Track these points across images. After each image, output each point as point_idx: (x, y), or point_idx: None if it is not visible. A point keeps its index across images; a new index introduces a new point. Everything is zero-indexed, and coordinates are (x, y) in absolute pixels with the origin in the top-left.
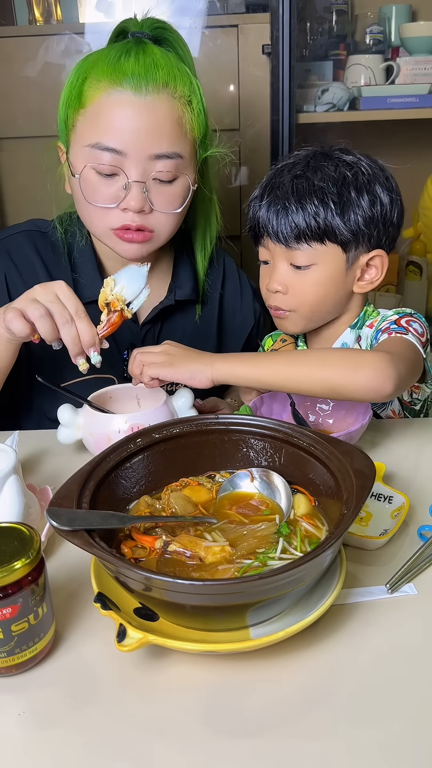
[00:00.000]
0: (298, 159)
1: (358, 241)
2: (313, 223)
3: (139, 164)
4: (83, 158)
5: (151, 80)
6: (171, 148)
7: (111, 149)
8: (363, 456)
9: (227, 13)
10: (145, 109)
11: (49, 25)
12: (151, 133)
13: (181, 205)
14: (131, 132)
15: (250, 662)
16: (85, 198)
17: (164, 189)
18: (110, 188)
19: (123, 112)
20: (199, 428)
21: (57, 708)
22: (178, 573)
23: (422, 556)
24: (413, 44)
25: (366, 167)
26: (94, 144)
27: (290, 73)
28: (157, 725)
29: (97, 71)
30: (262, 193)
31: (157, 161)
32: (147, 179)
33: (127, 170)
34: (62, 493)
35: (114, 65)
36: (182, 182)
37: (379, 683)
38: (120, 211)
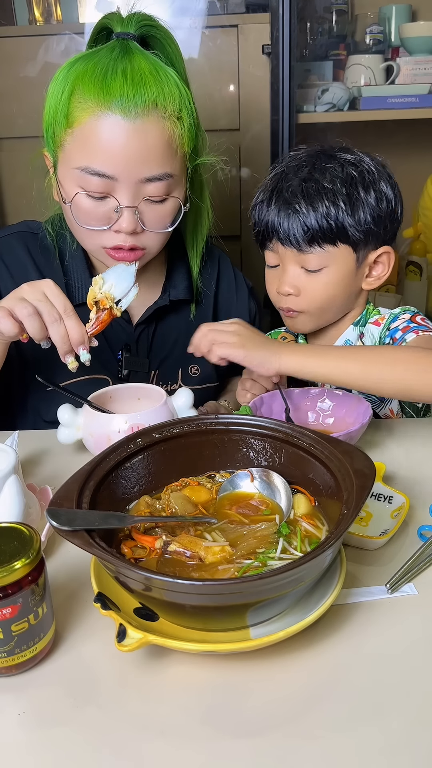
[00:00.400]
0: (301, 161)
1: (368, 239)
2: (326, 224)
3: (130, 189)
4: (73, 181)
5: (140, 102)
6: (162, 170)
7: (101, 174)
8: (363, 456)
9: (227, 13)
10: (135, 133)
11: (49, 25)
12: (142, 157)
13: (173, 223)
14: (121, 157)
15: (250, 662)
16: (77, 221)
17: (156, 208)
18: (101, 209)
19: (112, 136)
20: (199, 428)
21: (57, 708)
22: (178, 573)
23: (422, 556)
24: (413, 44)
25: (368, 164)
26: (83, 167)
27: (290, 73)
28: (157, 725)
29: (84, 88)
30: (269, 197)
31: (148, 184)
32: (138, 203)
33: (118, 194)
34: (62, 493)
35: (101, 84)
36: (173, 201)
37: (379, 683)
38: (112, 232)
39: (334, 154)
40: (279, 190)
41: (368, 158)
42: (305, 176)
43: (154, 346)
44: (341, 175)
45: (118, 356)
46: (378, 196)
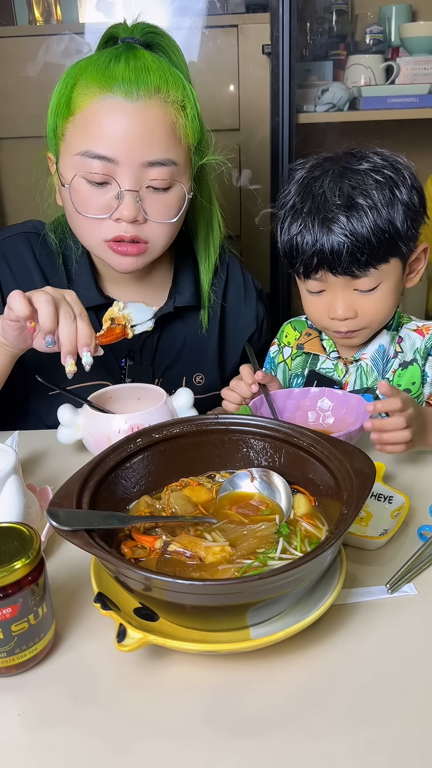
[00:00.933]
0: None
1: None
2: (375, 240)
3: (132, 172)
4: (73, 167)
5: (143, 84)
6: (165, 155)
7: (102, 157)
8: (363, 456)
9: (227, 13)
10: (136, 115)
11: (49, 25)
12: (144, 139)
13: (177, 215)
14: (123, 138)
15: (250, 662)
16: (76, 209)
17: (158, 198)
18: (102, 198)
19: (114, 118)
20: (199, 428)
21: (57, 708)
22: (178, 573)
23: (422, 556)
24: (413, 44)
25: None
26: (84, 152)
27: (290, 73)
28: (157, 725)
29: (87, 77)
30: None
31: (150, 168)
32: (140, 188)
33: (119, 179)
34: (62, 493)
35: (104, 70)
36: (177, 190)
37: (379, 683)
38: (113, 222)
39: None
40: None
41: (378, 157)
42: (344, 203)
43: (159, 354)
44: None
45: (121, 363)
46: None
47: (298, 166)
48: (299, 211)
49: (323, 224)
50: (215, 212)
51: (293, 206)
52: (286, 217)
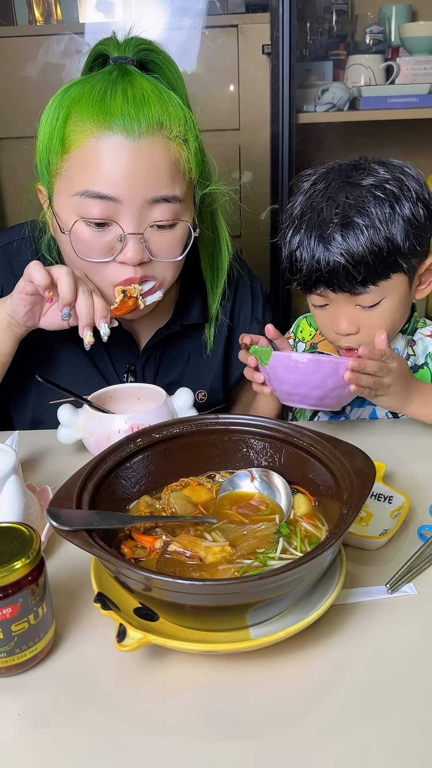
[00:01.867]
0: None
1: (416, 259)
2: (374, 259)
3: (135, 212)
4: (72, 209)
5: (144, 120)
6: (169, 192)
7: (104, 196)
8: (363, 456)
9: (227, 13)
10: (139, 154)
11: (49, 25)
12: (148, 178)
13: (182, 252)
14: (125, 178)
15: (250, 662)
16: (78, 254)
17: (163, 236)
18: (103, 239)
19: (115, 157)
20: (199, 428)
21: (57, 708)
22: (178, 573)
23: (422, 556)
24: (413, 44)
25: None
26: (83, 192)
27: (290, 73)
28: (157, 725)
29: (81, 111)
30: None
31: (154, 207)
32: (144, 229)
33: (123, 220)
34: (62, 493)
35: (100, 104)
36: (182, 227)
37: (379, 683)
38: (117, 264)
39: (357, 182)
40: (318, 239)
41: (383, 169)
42: (339, 221)
43: (161, 371)
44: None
45: (122, 378)
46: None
47: (305, 177)
48: (299, 224)
49: (320, 241)
50: (223, 238)
51: (295, 219)
52: (288, 229)
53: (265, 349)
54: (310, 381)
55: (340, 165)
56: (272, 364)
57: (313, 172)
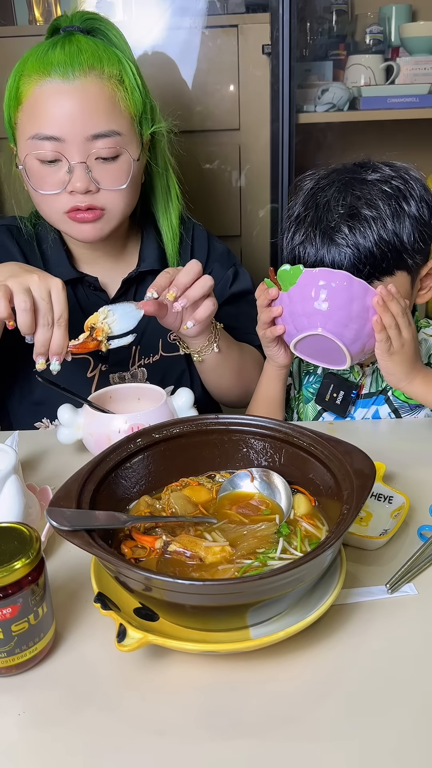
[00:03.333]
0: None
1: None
2: (379, 253)
3: (79, 147)
4: (26, 150)
5: (77, 65)
6: (107, 127)
7: (49, 137)
8: (363, 456)
9: (227, 13)
10: (75, 93)
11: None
12: (85, 114)
13: (126, 181)
14: (65, 117)
15: (250, 662)
16: (33, 187)
17: (107, 167)
18: (55, 175)
19: (55, 99)
20: (199, 428)
21: (57, 708)
22: (178, 573)
23: (422, 556)
24: (413, 44)
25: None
26: (33, 135)
27: (290, 73)
28: (157, 725)
29: (28, 67)
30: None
31: (95, 141)
32: (88, 159)
33: (68, 154)
34: (62, 493)
35: (42, 58)
36: (125, 158)
37: (379, 683)
38: (68, 195)
39: (364, 178)
40: (322, 232)
41: (389, 169)
42: (347, 213)
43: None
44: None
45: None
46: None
47: (308, 177)
48: (303, 220)
49: (325, 234)
50: (172, 182)
51: (297, 216)
52: (290, 227)
53: (295, 266)
54: (337, 298)
55: (345, 165)
56: (302, 281)
57: (315, 172)
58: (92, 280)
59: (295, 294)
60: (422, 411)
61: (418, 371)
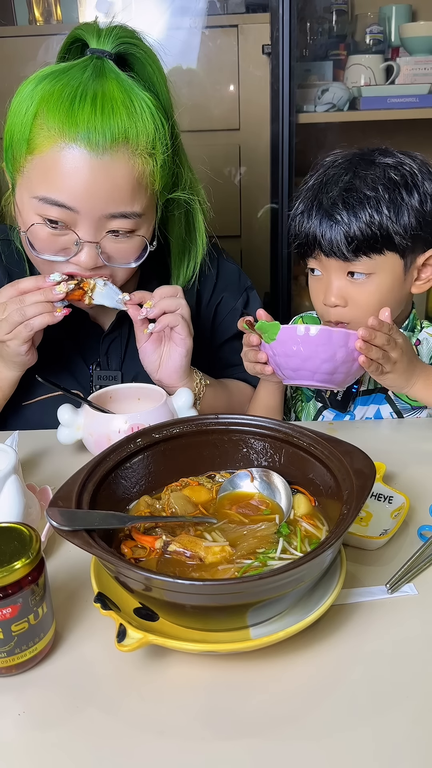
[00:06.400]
0: (340, 168)
1: (415, 244)
2: (369, 233)
3: (92, 223)
4: (32, 209)
5: (109, 134)
6: (129, 208)
7: (62, 205)
8: (363, 456)
9: (227, 13)
10: (100, 170)
11: (49, 25)
12: (107, 195)
13: (138, 260)
14: (84, 191)
15: (250, 662)
16: (33, 248)
17: (119, 245)
18: (60, 240)
19: (76, 169)
20: (199, 428)
21: (57, 708)
22: (178, 573)
23: (422, 556)
24: (413, 44)
25: (410, 166)
26: (42, 197)
27: (290, 73)
28: (157, 725)
29: (49, 113)
30: (308, 208)
31: (112, 220)
32: (100, 238)
33: (79, 228)
34: (62, 493)
35: (68, 111)
36: (139, 237)
37: (379, 683)
38: (71, 264)
39: (373, 159)
40: (319, 201)
41: (409, 159)
42: (345, 185)
43: (127, 358)
44: (383, 180)
45: (89, 369)
46: (422, 198)
47: (332, 153)
48: (308, 191)
49: (321, 207)
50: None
51: (306, 189)
52: (299, 196)
53: (273, 323)
54: (320, 354)
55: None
56: (281, 338)
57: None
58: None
59: (277, 348)
60: (424, 411)
61: (418, 375)
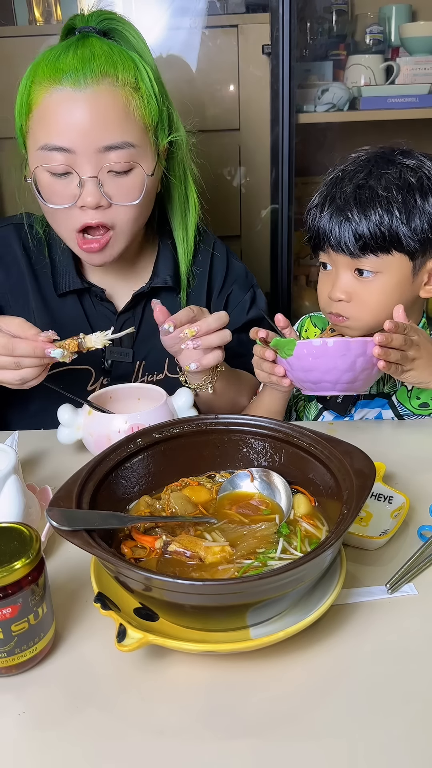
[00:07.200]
0: (358, 165)
1: (426, 247)
2: (378, 232)
3: (90, 159)
4: (35, 161)
5: (89, 72)
6: (120, 138)
7: (59, 148)
8: (363, 456)
9: (227, 13)
10: (86, 103)
11: (49, 25)
12: (97, 125)
13: (140, 196)
14: (76, 128)
15: (250, 662)
16: (43, 200)
17: (120, 181)
18: (66, 188)
19: (65, 108)
20: (199, 428)
21: (57, 708)
22: (178, 573)
23: (422, 556)
24: (413, 44)
25: (429, 169)
26: (43, 146)
27: (290, 73)
28: (157, 725)
29: (39, 72)
30: (322, 203)
31: (108, 153)
32: (100, 173)
33: (79, 167)
34: (62, 493)
35: (53, 64)
36: (138, 172)
37: (379, 683)
38: (79, 210)
39: (393, 159)
40: (332, 196)
41: (430, 162)
42: (360, 182)
43: (139, 336)
44: (398, 181)
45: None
46: None
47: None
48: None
49: (333, 202)
50: (191, 192)
51: (324, 183)
52: (320, 188)
53: (289, 339)
54: (340, 365)
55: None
56: (298, 354)
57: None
58: (99, 291)
59: (295, 363)
60: (426, 419)
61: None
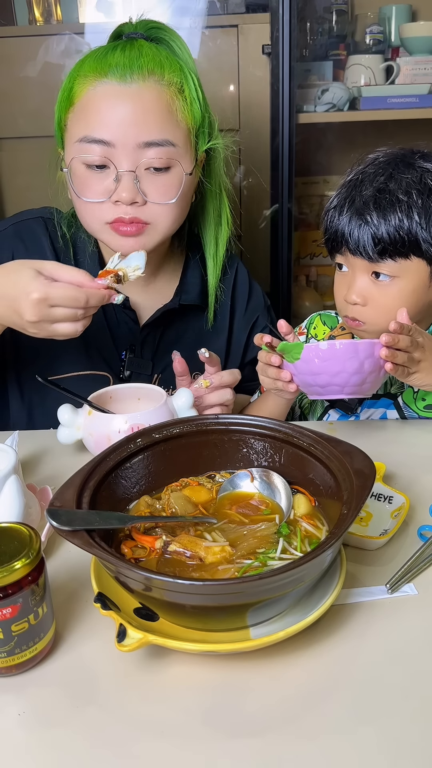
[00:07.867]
0: (378, 167)
1: None
2: (397, 237)
3: (128, 153)
4: (72, 153)
5: (136, 68)
6: (161, 135)
7: (98, 140)
8: (363, 456)
9: (227, 13)
10: (130, 98)
11: (49, 25)
12: (139, 120)
13: (176, 195)
14: (118, 121)
15: (250, 662)
16: (76, 193)
17: (157, 178)
18: (101, 182)
19: (108, 102)
20: (199, 428)
21: (57, 708)
22: (178, 573)
23: (422, 556)
24: (413, 44)
25: None
26: (82, 138)
27: (290, 73)
28: (157, 725)
29: (85, 68)
30: (341, 204)
31: (147, 149)
32: (138, 169)
33: (117, 161)
34: (62, 493)
35: (101, 60)
36: (177, 171)
37: (379, 683)
38: (112, 204)
39: (413, 162)
40: (352, 198)
41: None
42: (380, 186)
43: (160, 349)
44: (418, 186)
45: (122, 356)
46: None
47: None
48: (346, 186)
49: (353, 205)
50: (224, 206)
51: (343, 184)
52: (340, 189)
53: (296, 343)
54: (348, 367)
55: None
56: (305, 357)
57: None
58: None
59: (302, 367)
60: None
61: None
